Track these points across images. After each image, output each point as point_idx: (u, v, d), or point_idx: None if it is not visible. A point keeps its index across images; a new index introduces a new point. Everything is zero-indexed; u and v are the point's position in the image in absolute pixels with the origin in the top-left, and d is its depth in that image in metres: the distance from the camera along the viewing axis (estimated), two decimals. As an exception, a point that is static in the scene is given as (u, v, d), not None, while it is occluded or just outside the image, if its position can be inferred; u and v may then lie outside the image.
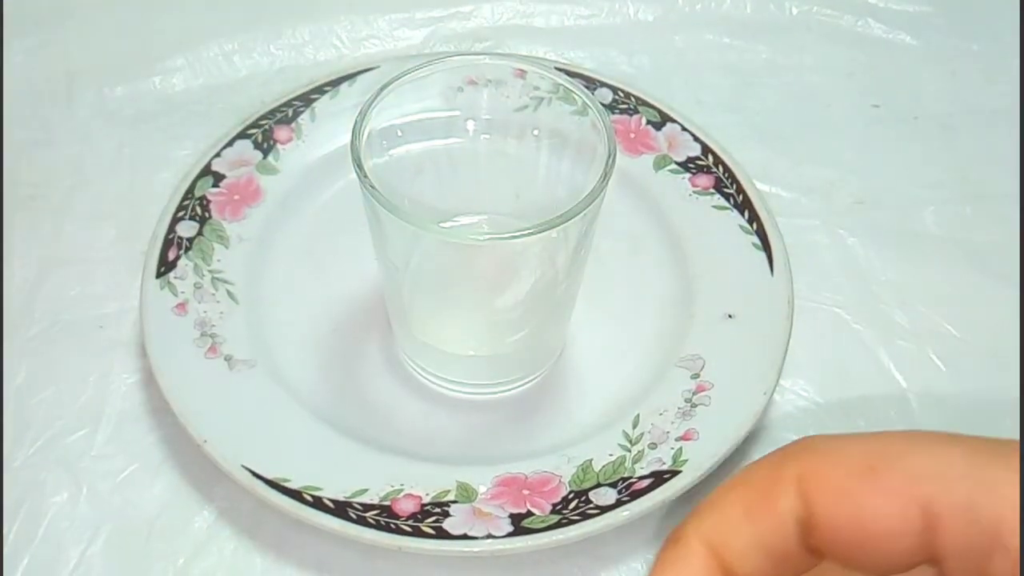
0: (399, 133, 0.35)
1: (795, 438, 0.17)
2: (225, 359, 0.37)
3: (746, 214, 0.41)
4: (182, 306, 0.38)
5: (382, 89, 0.33)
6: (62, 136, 0.47)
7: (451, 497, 0.33)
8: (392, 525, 0.32)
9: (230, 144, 0.43)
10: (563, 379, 0.39)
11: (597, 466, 0.34)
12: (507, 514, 0.33)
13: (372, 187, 0.31)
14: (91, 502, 0.35)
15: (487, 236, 0.30)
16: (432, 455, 0.35)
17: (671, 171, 0.44)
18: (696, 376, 0.37)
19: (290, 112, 0.44)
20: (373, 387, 0.38)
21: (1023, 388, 0.18)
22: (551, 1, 0.54)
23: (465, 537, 0.32)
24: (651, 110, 0.45)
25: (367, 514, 0.32)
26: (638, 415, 0.36)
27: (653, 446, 0.35)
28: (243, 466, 0.33)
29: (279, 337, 0.39)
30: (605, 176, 0.31)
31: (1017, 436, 0.16)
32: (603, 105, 0.36)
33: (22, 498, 0.35)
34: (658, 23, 0.53)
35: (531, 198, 0.37)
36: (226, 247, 0.40)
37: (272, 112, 0.44)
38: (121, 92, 0.49)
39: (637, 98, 0.46)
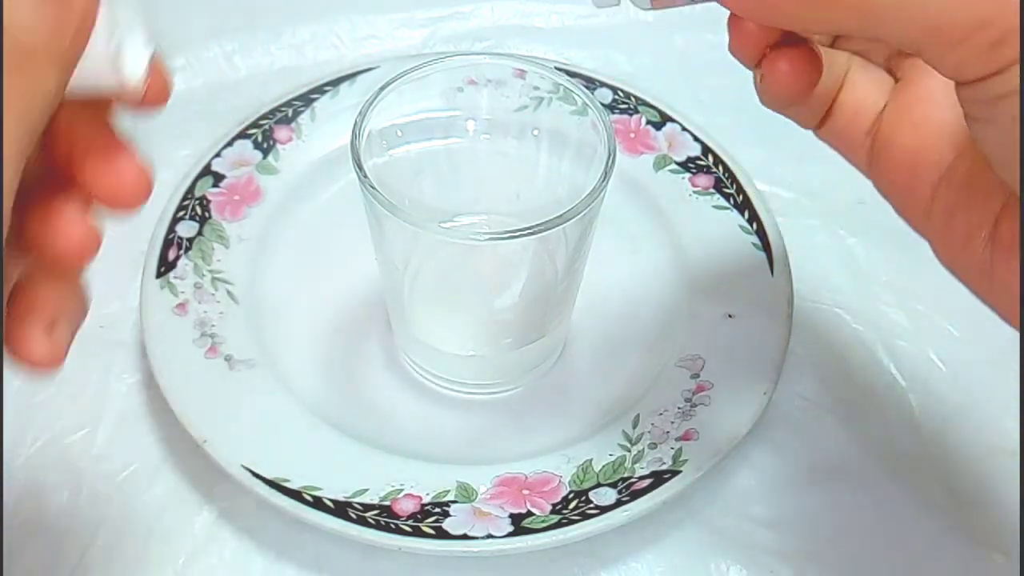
0: (399, 133, 0.35)
1: (795, 439, 0.17)
2: (225, 359, 0.37)
3: (746, 214, 0.41)
4: (182, 306, 0.38)
5: (382, 89, 0.33)
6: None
7: (451, 497, 0.33)
8: (392, 525, 0.32)
9: (230, 144, 0.43)
10: (563, 379, 0.39)
11: (597, 466, 0.34)
12: (507, 514, 0.33)
13: (372, 187, 0.31)
14: (91, 502, 0.35)
15: (487, 236, 0.30)
16: (432, 455, 0.35)
17: (671, 171, 0.44)
18: (696, 376, 0.37)
19: (290, 112, 0.44)
20: (373, 387, 0.38)
21: (1023, 388, 0.18)
22: (551, 1, 0.53)
23: (465, 537, 0.32)
24: (651, 110, 0.45)
25: (367, 514, 0.32)
26: (638, 415, 0.36)
27: (653, 446, 0.35)
28: (243, 466, 0.33)
29: (279, 337, 0.39)
30: (605, 176, 0.31)
31: (1017, 436, 0.16)
32: (603, 105, 0.36)
33: (22, 498, 0.35)
34: (658, 23, 0.53)
35: (531, 198, 0.37)
36: (226, 247, 0.40)
37: (272, 112, 0.44)
38: (121, 92, 0.49)
39: (637, 98, 0.46)
